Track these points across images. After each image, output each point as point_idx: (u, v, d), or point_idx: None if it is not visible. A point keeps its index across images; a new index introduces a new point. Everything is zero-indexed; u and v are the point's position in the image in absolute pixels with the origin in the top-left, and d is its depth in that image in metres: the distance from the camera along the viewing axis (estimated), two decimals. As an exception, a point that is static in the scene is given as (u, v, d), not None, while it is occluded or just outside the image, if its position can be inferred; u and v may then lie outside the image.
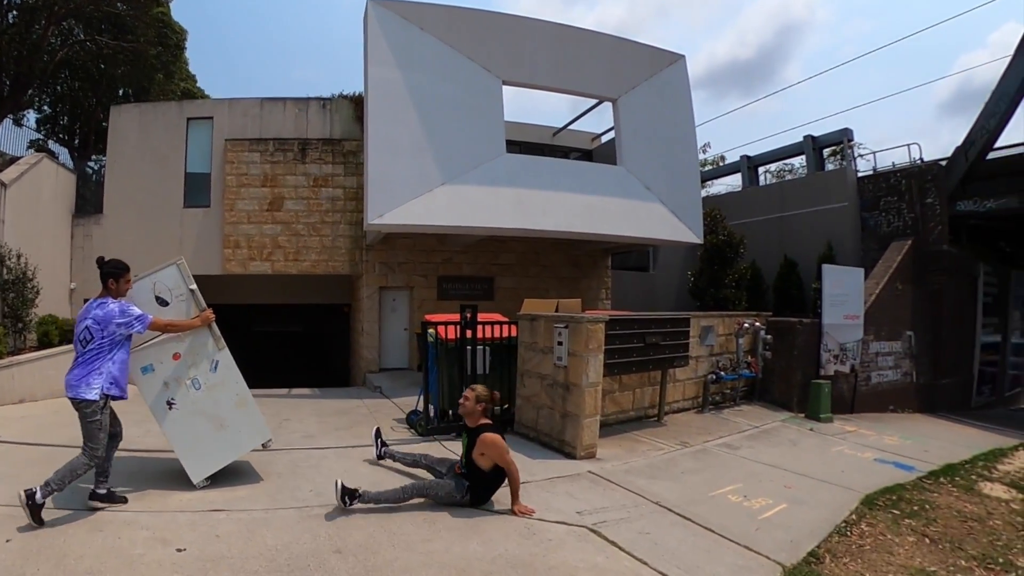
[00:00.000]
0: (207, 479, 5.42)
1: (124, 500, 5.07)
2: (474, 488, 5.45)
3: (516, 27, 12.86)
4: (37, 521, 4.48)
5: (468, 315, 7.93)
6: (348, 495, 5.07)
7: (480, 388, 5.80)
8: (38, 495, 4.51)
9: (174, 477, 5.74)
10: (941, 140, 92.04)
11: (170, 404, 5.47)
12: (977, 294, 17.83)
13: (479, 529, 4.91)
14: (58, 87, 20.86)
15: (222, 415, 5.65)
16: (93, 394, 4.84)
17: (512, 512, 5.32)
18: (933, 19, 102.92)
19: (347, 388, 14.14)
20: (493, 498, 5.63)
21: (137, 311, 5.07)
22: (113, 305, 4.99)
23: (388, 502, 5.19)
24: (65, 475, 4.74)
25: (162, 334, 5.48)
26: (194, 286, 5.68)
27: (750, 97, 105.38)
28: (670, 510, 5.69)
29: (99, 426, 4.91)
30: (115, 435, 5.27)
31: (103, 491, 5.02)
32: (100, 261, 5.18)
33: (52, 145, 19.08)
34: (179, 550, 4.20)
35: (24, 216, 12.27)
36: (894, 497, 6.57)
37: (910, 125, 79.69)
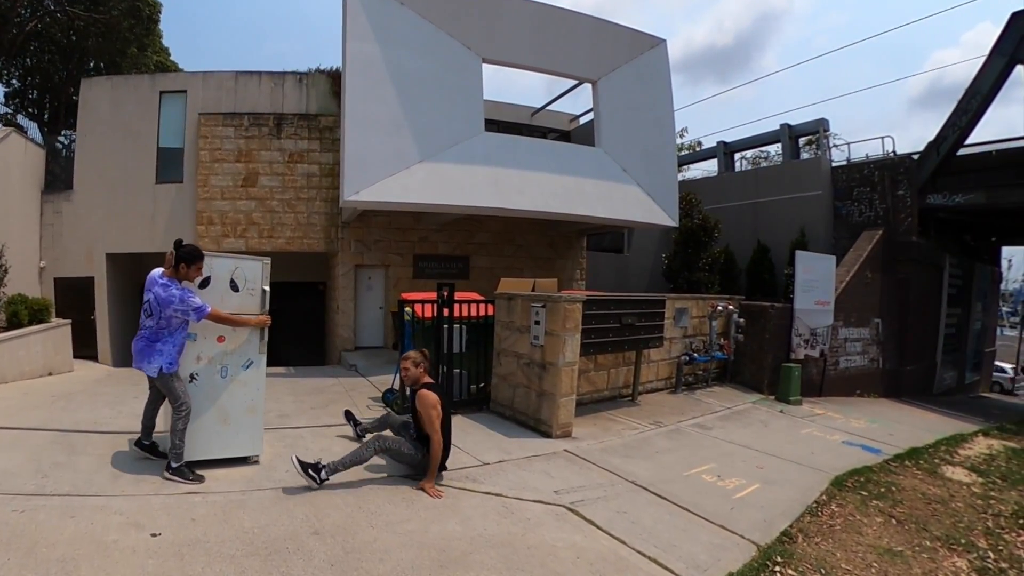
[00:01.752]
0: (185, 463, 5.33)
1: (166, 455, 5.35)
2: (420, 439, 5.54)
3: (496, 4, 12.69)
4: (193, 478, 5.18)
5: (445, 293, 7.88)
6: (311, 468, 5.07)
7: (414, 353, 5.85)
8: (172, 465, 5.17)
9: (148, 459, 5.66)
10: (911, 133, 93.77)
11: (193, 377, 5.42)
12: (943, 285, 18.19)
13: (457, 508, 4.92)
14: (28, 60, 20.19)
15: (231, 412, 5.59)
16: (152, 371, 5.16)
17: (494, 494, 5.31)
18: (908, 15, 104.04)
19: (322, 367, 14.01)
20: (466, 475, 5.66)
21: (197, 302, 5.11)
22: (176, 291, 5.07)
23: (352, 464, 5.21)
24: (175, 440, 5.17)
25: (221, 305, 5.47)
26: (267, 287, 5.73)
27: (724, 83, 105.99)
28: (646, 489, 5.75)
29: (171, 388, 5.21)
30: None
31: (147, 442, 5.68)
32: (178, 244, 5.25)
33: (21, 120, 18.47)
34: (154, 535, 4.11)
35: (-9, 193, 11.89)
36: (862, 479, 6.72)
37: (882, 117, 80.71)
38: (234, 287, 5.58)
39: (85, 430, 6.41)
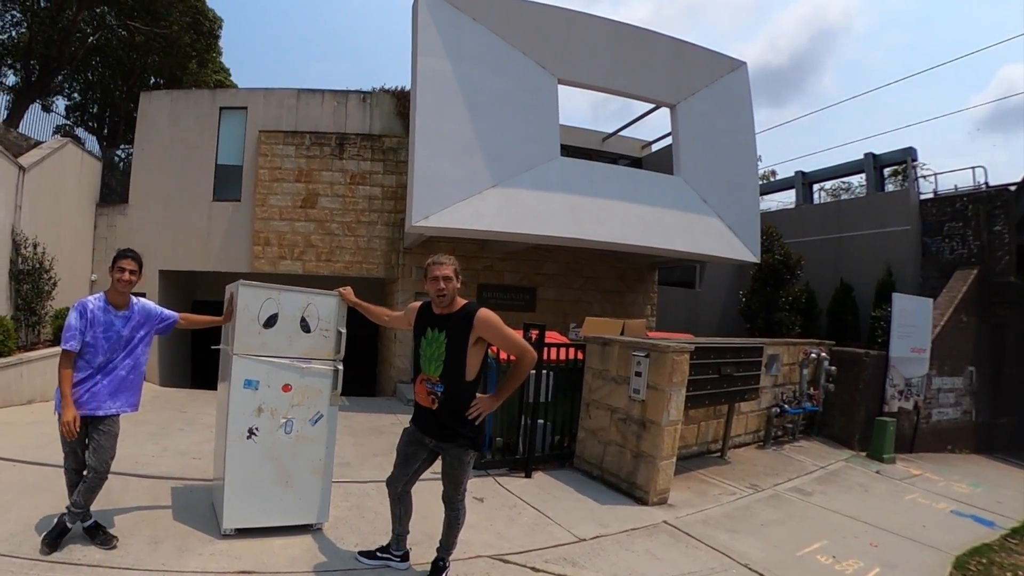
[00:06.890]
0: (236, 530, 4.58)
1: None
2: (452, 402, 3.96)
3: (572, 22, 12.03)
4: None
5: (534, 335, 7.05)
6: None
7: (448, 258, 4.07)
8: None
9: (195, 515, 4.92)
10: (976, 158, 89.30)
11: (252, 433, 4.61)
12: (1038, 328, 16.89)
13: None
14: (89, 75, 20.46)
15: (293, 473, 4.77)
16: None
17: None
18: (974, 33, 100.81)
19: (377, 399, 13.39)
20: (564, 556, 4.84)
21: (67, 324, 4.35)
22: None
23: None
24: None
25: (289, 348, 4.75)
26: (344, 329, 4.95)
27: (776, 105, 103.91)
28: (763, 576, 4.94)
29: None
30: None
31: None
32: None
33: (80, 132, 18.47)
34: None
35: (43, 203, 11.51)
36: (984, 561, 6.09)
37: (942, 140, 77.52)
38: (305, 327, 4.80)
39: (123, 472, 5.59)
